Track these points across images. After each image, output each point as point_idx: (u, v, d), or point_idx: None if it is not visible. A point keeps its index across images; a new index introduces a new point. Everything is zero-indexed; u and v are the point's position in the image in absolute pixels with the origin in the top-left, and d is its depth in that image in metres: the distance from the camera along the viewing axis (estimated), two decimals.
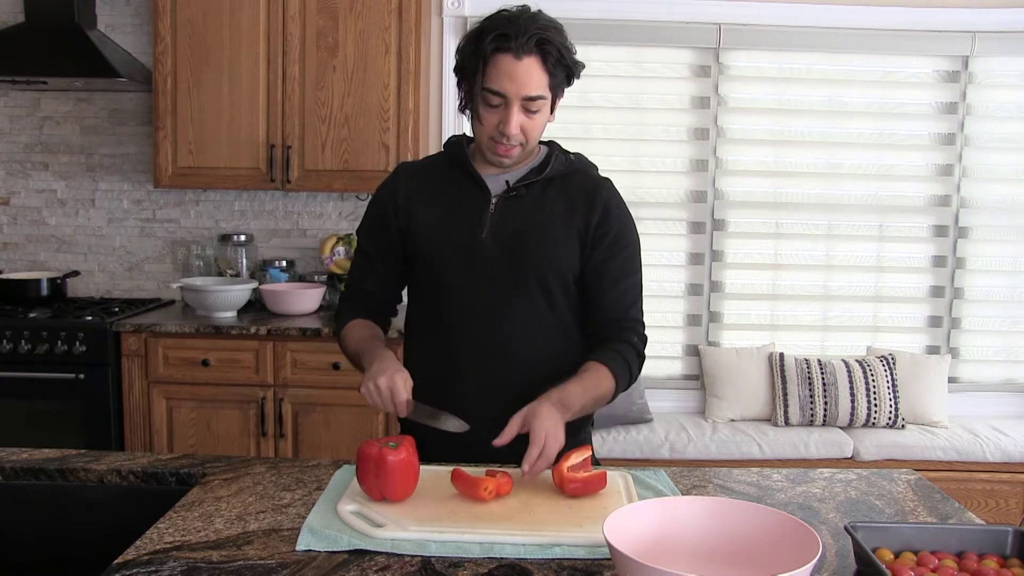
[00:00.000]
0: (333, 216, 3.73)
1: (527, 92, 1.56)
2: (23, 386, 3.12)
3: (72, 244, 3.76)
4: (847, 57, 3.74)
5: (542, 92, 1.58)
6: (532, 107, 1.59)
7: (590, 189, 1.71)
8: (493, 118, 1.60)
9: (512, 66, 1.55)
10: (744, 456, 3.39)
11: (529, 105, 1.58)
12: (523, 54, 1.54)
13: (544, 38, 1.55)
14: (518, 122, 1.59)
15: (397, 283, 1.81)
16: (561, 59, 1.58)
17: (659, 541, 1.17)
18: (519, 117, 1.59)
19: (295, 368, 3.17)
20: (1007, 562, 1.21)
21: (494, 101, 1.58)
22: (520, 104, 1.58)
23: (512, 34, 1.53)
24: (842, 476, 1.64)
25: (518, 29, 1.54)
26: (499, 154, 1.64)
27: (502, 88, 1.56)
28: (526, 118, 1.60)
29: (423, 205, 1.71)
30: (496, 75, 1.56)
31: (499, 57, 1.55)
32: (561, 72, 1.60)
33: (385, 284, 1.79)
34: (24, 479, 1.55)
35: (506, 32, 1.54)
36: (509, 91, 1.56)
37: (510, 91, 1.56)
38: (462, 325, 1.68)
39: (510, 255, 1.66)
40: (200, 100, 3.33)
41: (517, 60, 1.55)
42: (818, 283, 3.87)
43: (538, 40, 1.54)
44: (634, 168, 3.77)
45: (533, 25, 1.55)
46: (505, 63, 1.55)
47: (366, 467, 1.38)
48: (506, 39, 1.54)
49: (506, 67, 1.55)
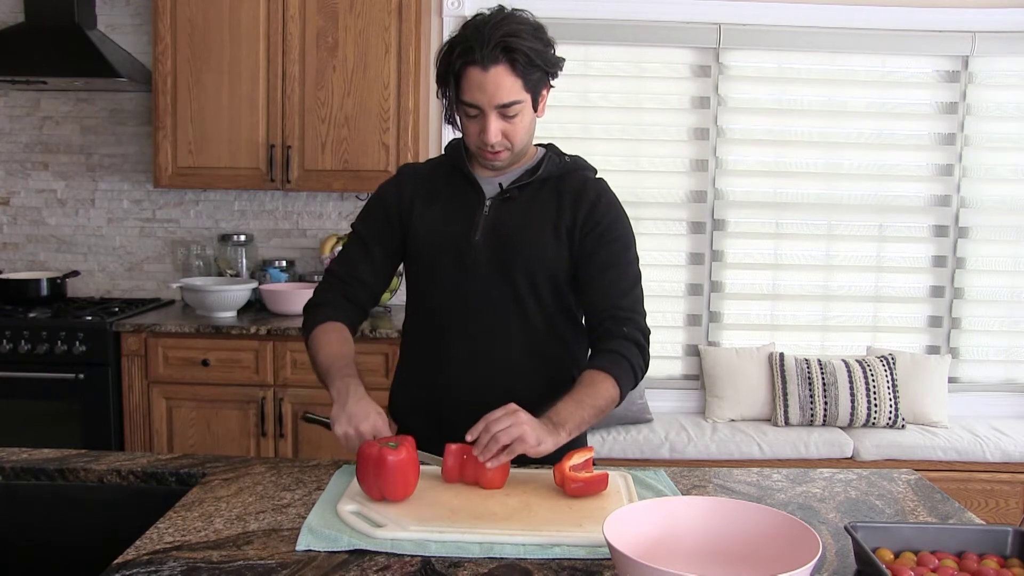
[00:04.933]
0: (333, 216, 3.73)
1: (499, 100, 1.56)
2: (23, 386, 3.11)
3: (72, 244, 3.76)
4: (847, 57, 3.74)
5: (516, 97, 1.57)
6: (509, 112, 1.59)
7: (578, 188, 1.70)
8: (474, 128, 1.62)
9: (481, 78, 1.55)
10: (744, 456, 3.39)
11: (505, 112, 1.58)
12: (489, 64, 1.54)
13: (508, 45, 1.53)
14: (497, 129, 1.59)
15: (387, 276, 1.79)
16: (531, 61, 1.56)
17: (659, 541, 1.17)
18: (497, 124, 1.59)
19: (295, 368, 3.17)
20: (1007, 562, 1.21)
21: (471, 112, 1.60)
22: (496, 112, 1.58)
23: (476, 46, 1.53)
24: (842, 476, 1.64)
25: (482, 39, 1.53)
26: (488, 159, 1.66)
27: (475, 100, 1.57)
28: (506, 124, 1.60)
29: (422, 207, 1.73)
30: (468, 88, 1.57)
31: (468, 70, 1.56)
32: (535, 72, 1.58)
33: (377, 274, 1.77)
34: (24, 479, 1.55)
35: (471, 44, 1.54)
36: (482, 102, 1.57)
37: (482, 102, 1.57)
38: (455, 326, 1.69)
39: (500, 257, 1.66)
40: (200, 100, 3.33)
41: (484, 71, 1.54)
42: (818, 283, 3.87)
43: (503, 48, 1.53)
44: (634, 168, 3.77)
45: (497, 33, 1.53)
46: (474, 75, 1.55)
47: (366, 467, 1.38)
48: (471, 52, 1.54)
49: (475, 79, 1.55)
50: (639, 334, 1.64)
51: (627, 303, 1.66)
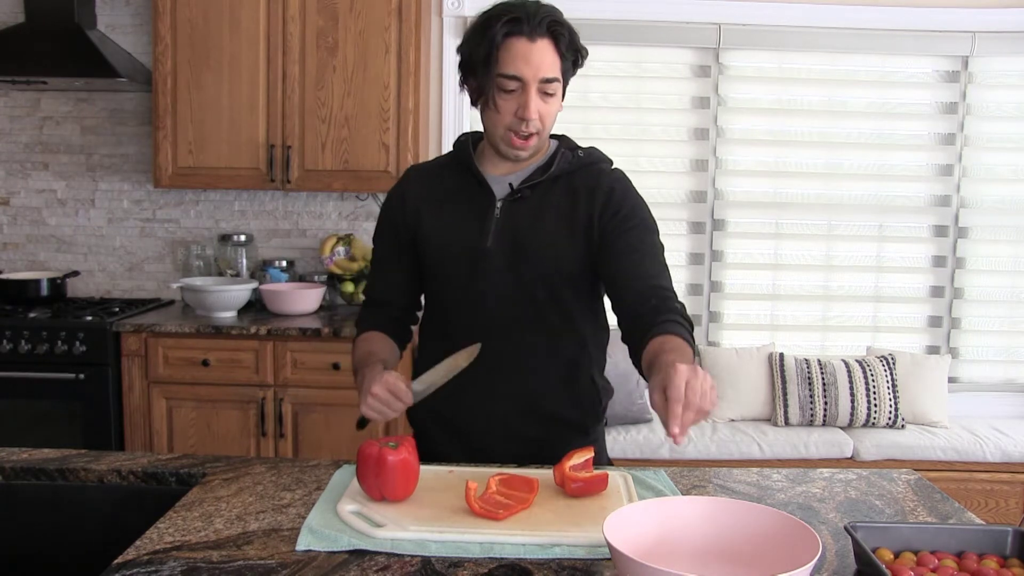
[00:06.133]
0: (333, 216, 3.73)
1: (543, 74, 1.54)
2: (23, 386, 3.12)
3: (72, 244, 3.76)
4: (847, 57, 3.74)
5: (556, 75, 1.56)
6: (548, 89, 1.56)
7: (592, 183, 1.65)
8: (511, 105, 1.56)
9: (527, 48, 1.52)
10: (744, 456, 3.39)
11: (546, 88, 1.55)
12: (536, 36, 1.53)
13: (556, 20, 1.54)
14: (536, 106, 1.56)
15: (414, 289, 1.76)
16: (572, 42, 1.57)
17: (659, 541, 1.17)
18: (537, 101, 1.56)
19: (295, 368, 3.17)
20: (1007, 562, 1.21)
21: (510, 86, 1.55)
22: (537, 87, 1.55)
23: (523, 17, 1.52)
24: (842, 476, 1.64)
25: (528, 12, 1.53)
26: (515, 147, 1.60)
27: (518, 71, 1.53)
28: (542, 103, 1.57)
29: (429, 212, 1.68)
30: (511, 59, 1.53)
31: (512, 41, 1.53)
32: (571, 56, 1.58)
33: (401, 291, 1.75)
34: (24, 479, 1.55)
35: (517, 16, 1.52)
36: (526, 74, 1.53)
37: (526, 74, 1.53)
38: (469, 334, 1.60)
39: (515, 262, 1.61)
40: (200, 100, 3.33)
41: (531, 42, 1.53)
42: (818, 283, 3.87)
43: (550, 22, 1.53)
44: (634, 168, 3.73)
45: (543, 8, 1.54)
46: (519, 46, 1.53)
47: (366, 467, 1.38)
48: (518, 23, 1.52)
49: (521, 50, 1.53)
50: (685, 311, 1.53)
51: (664, 282, 1.57)
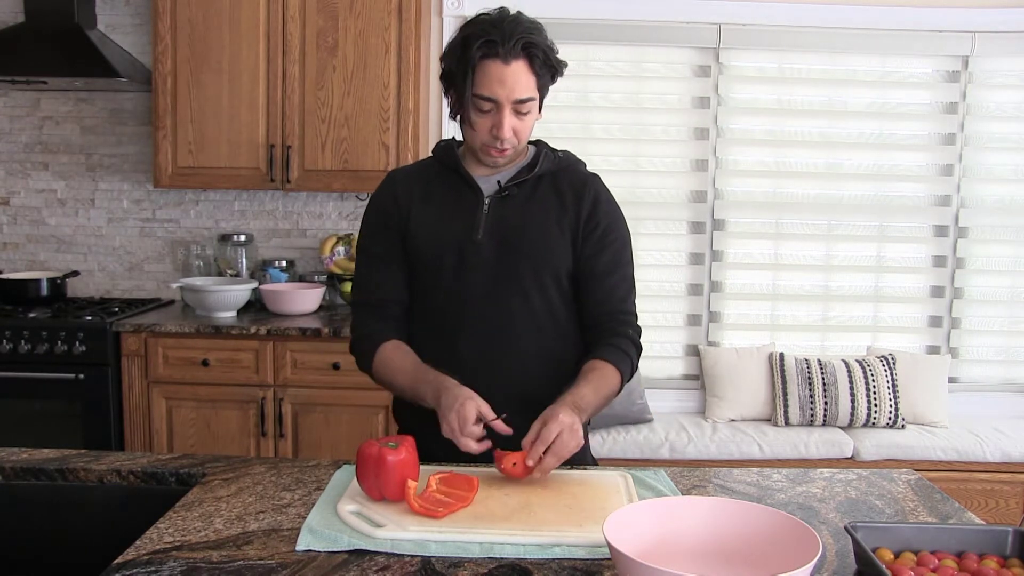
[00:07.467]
0: (333, 216, 3.73)
1: (517, 96, 1.59)
2: (23, 386, 3.12)
3: (72, 244, 3.76)
4: (847, 57, 3.74)
5: (531, 94, 1.61)
6: (523, 109, 1.62)
7: (579, 185, 1.74)
8: (486, 123, 1.62)
9: (501, 71, 1.57)
10: (744, 456, 3.38)
11: (520, 108, 1.61)
12: (511, 58, 1.57)
13: (530, 41, 1.58)
14: (511, 125, 1.61)
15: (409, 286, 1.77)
16: (547, 60, 1.61)
17: (659, 541, 1.18)
18: (511, 120, 1.61)
19: (295, 368, 3.17)
20: (1007, 562, 1.21)
21: (485, 107, 1.60)
22: (511, 107, 1.60)
23: (498, 39, 1.56)
24: (842, 476, 1.64)
25: (503, 34, 1.56)
26: (493, 156, 1.67)
27: (493, 94, 1.58)
28: (517, 120, 1.62)
29: (419, 208, 1.73)
30: (486, 81, 1.58)
31: (487, 63, 1.57)
32: (547, 72, 1.63)
33: (401, 288, 1.75)
34: (24, 479, 1.55)
35: (492, 38, 1.56)
36: (500, 96, 1.58)
37: (501, 96, 1.58)
38: (460, 326, 1.68)
39: (505, 254, 1.68)
40: (200, 100, 3.33)
41: (505, 65, 1.57)
42: (818, 283, 3.87)
43: (524, 44, 1.57)
44: (634, 168, 3.77)
45: (518, 29, 1.57)
46: (494, 69, 1.57)
47: (366, 467, 1.38)
48: (493, 45, 1.56)
49: (495, 72, 1.57)
50: (637, 336, 1.73)
51: (627, 306, 1.74)
